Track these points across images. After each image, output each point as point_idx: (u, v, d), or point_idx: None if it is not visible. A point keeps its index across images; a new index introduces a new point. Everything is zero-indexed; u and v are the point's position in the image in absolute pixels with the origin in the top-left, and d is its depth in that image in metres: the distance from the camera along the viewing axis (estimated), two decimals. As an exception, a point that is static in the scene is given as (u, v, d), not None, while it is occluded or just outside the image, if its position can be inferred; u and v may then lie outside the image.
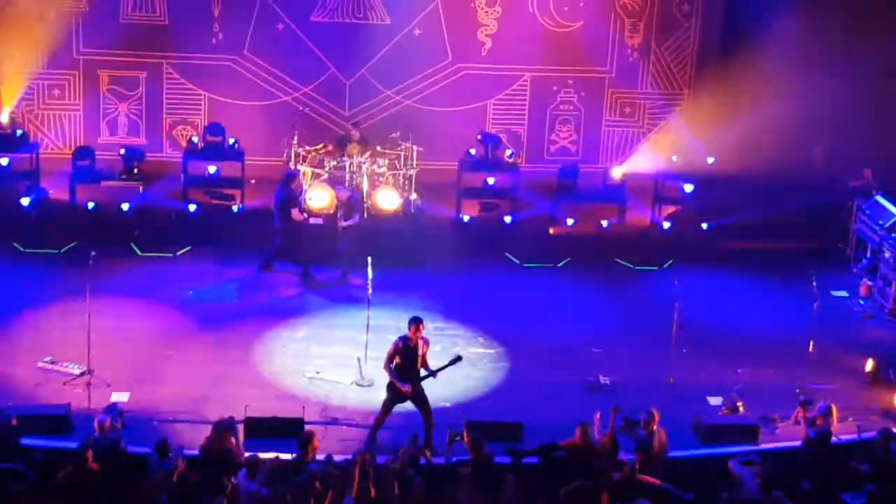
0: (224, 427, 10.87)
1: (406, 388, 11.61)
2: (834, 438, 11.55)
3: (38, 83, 17.62)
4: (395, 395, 11.74)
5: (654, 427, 11.17)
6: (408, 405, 11.81)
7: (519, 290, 15.69)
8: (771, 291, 15.82)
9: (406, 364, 11.63)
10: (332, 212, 16.16)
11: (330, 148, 17.20)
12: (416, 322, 11.68)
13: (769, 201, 16.69)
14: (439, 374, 11.75)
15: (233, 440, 10.87)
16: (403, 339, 11.68)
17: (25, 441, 10.93)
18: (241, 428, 11.42)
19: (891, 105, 17.44)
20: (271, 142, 17.60)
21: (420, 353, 11.66)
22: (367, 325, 13.19)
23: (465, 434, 11.02)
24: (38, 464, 10.55)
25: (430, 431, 11.66)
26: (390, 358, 11.70)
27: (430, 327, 13.76)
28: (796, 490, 10.77)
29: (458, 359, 11.85)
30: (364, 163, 16.74)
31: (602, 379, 13.26)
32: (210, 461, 10.62)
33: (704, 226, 17.00)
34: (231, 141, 17.40)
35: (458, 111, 18.24)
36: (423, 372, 11.72)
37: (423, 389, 11.74)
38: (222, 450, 10.71)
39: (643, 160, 18.15)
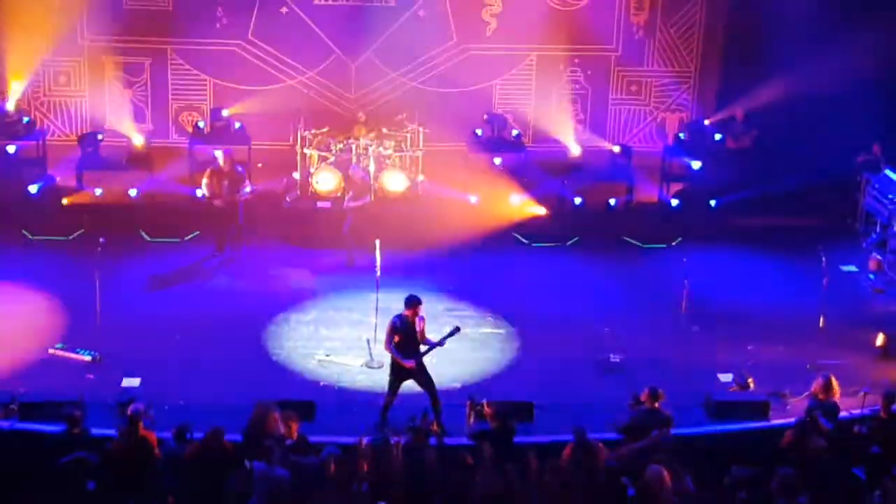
0: (267, 408, 10.69)
1: (409, 363, 11.65)
2: (844, 413, 11.52)
3: (44, 70, 17.62)
4: (399, 373, 11.79)
5: (657, 404, 10.92)
6: (414, 387, 11.82)
7: (527, 270, 15.67)
8: (780, 267, 15.77)
9: (405, 341, 11.69)
10: (339, 194, 16.15)
11: (335, 131, 17.17)
12: (414, 302, 11.69)
13: (777, 177, 16.62)
14: (439, 346, 11.74)
15: (277, 421, 10.60)
16: (399, 317, 11.72)
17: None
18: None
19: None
20: (277, 126, 17.58)
21: (418, 328, 11.72)
22: (376, 307, 13.20)
23: (485, 405, 10.99)
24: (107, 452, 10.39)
25: (438, 412, 11.67)
26: (389, 337, 11.73)
27: (439, 308, 13.87)
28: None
29: (457, 329, 11.86)
30: (370, 145, 16.72)
31: (612, 357, 13.26)
32: (253, 443, 10.48)
33: (713, 203, 16.95)
34: (237, 125, 17.39)
35: (464, 92, 18.18)
36: (423, 347, 11.76)
37: (425, 367, 11.78)
38: (267, 432, 10.54)
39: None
